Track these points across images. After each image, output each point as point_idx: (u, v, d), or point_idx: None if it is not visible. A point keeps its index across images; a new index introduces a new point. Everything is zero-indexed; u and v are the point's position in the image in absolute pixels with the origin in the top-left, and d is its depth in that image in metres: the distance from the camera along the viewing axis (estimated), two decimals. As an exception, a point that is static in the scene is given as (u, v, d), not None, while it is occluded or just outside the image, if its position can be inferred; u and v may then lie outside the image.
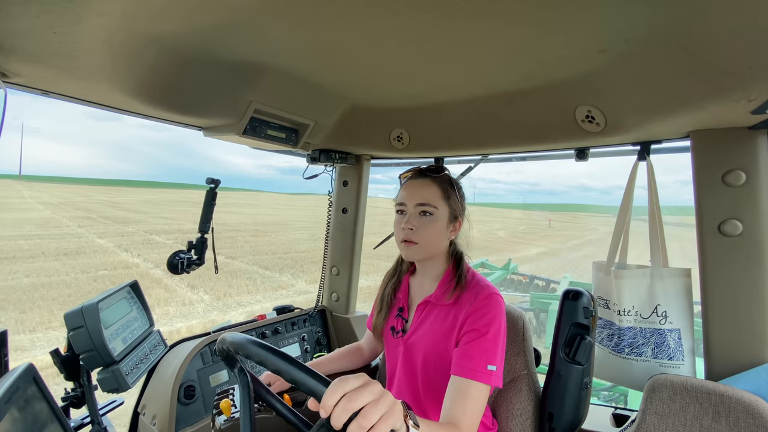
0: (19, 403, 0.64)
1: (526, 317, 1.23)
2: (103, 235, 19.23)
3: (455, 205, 1.06)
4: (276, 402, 0.89)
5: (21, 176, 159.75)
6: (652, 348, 1.19)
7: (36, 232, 19.16)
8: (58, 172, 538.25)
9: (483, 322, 0.95)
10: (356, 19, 0.78)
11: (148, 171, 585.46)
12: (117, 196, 58.26)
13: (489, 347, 0.92)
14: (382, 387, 0.57)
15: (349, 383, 0.54)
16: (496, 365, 0.91)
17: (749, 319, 1.03)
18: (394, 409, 0.55)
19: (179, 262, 1.23)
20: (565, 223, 57.39)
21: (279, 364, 0.64)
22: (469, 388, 0.88)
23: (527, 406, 1.14)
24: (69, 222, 24.17)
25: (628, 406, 3.61)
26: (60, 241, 16.72)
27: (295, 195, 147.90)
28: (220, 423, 1.06)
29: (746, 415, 0.91)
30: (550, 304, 6.58)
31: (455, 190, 1.08)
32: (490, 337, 0.93)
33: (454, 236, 1.10)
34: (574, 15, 0.73)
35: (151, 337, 1.16)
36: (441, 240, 1.05)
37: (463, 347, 0.94)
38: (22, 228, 20.13)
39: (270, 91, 1.16)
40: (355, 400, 0.52)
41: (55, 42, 0.77)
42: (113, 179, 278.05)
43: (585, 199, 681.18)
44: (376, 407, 0.53)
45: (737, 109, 0.90)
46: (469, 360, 0.91)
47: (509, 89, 1.13)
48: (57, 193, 58.08)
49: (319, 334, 1.89)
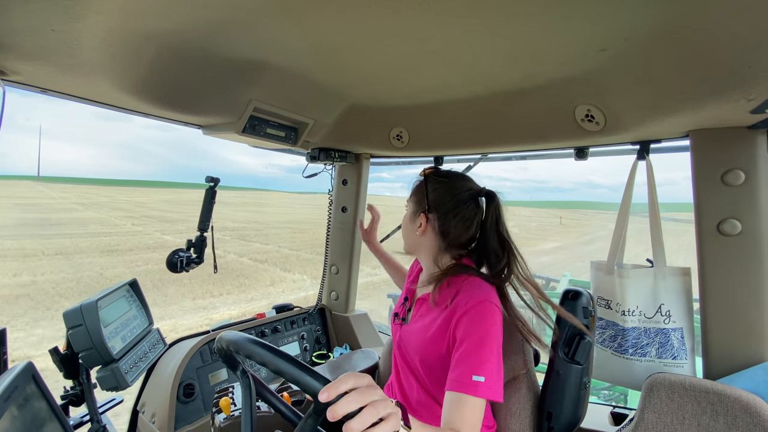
0: (18, 402, 0.64)
1: (525, 316, 1.23)
2: (165, 232, 20.37)
3: (421, 202, 1.10)
4: (275, 400, 0.89)
5: (39, 177, 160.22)
6: (656, 348, 1.18)
7: (104, 230, 20.28)
8: (69, 172, 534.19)
9: (468, 331, 0.91)
10: (356, 18, 0.78)
11: (156, 171, 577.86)
12: (136, 197, 59.17)
13: (474, 358, 0.88)
14: (383, 393, 0.59)
15: (360, 379, 0.56)
16: (484, 376, 0.85)
17: (747, 318, 1.03)
18: (396, 414, 0.57)
19: (178, 260, 1.23)
20: (574, 220, 58.84)
21: (278, 363, 0.65)
22: (458, 401, 0.85)
23: (526, 406, 1.14)
24: (119, 221, 25.33)
25: (627, 405, 3.62)
26: (133, 237, 17.97)
27: (306, 194, 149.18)
28: (219, 421, 1.06)
29: (744, 413, 0.91)
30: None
31: (426, 185, 1.10)
32: (473, 348, 0.88)
33: (422, 232, 1.08)
34: (573, 14, 0.73)
35: (150, 335, 1.16)
36: (408, 234, 1.14)
37: (453, 360, 0.92)
38: (88, 227, 21.23)
39: (269, 90, 1.16)
40: (365, 394, 0.54)
41: (53, 39, 0.77)
42: (125, 179, 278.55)
43: (593, 197, 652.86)
44: (382, 404, 0.55)
45: (737, 109, 0.90)
46: (454, 372, 0.89)
47: (509, 88, 1.13)
48: (80, 193, 58.89)
49: (318, 332, 1.89)
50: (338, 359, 1.59)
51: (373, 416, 0.53)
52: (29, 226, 19.96)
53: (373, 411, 0.53)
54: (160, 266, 11.00)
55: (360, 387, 0.55)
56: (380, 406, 0.54)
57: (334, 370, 1.49)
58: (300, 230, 24.37)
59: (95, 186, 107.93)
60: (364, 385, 0.56)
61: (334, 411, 0.53)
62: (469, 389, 0.84)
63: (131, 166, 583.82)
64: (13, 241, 15.25)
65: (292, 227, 26.32)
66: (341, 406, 0.53)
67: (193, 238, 1.30)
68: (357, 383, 0.55)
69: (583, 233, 34.54)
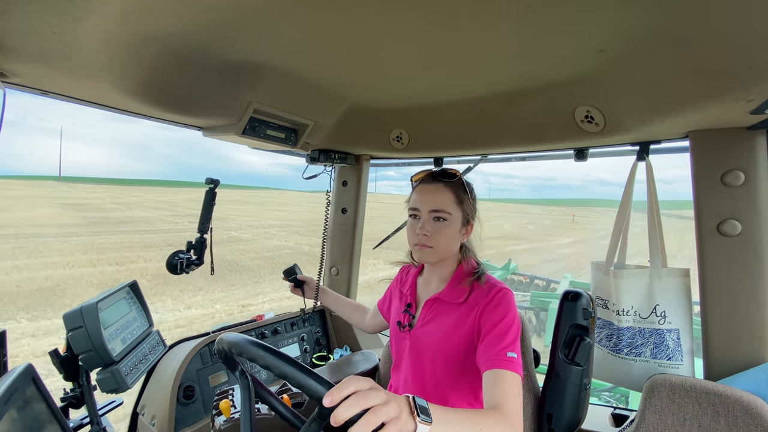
0: (18, 404, 0.64)
1: (525, 318, 1.23)
2: (224, 230, 22.10)
3: (468, 209, 1.08)
4: (276, 402, 0.89)
5: (60, 177, 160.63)
6: (651, 348, 1.19)
7: (163, 227, 22.36)
8: (85, 172, 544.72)
9: (499, 316, 0.96)
10: (356, 19, 0.78)
11: (167, 170, 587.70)
12: (161, 196, 59.79)
13: (506, 338, 0.93)
14: (389, 393, 0.58)
15: (362, 383, 0.56)
16: (515, 353, 0.92)
17: (748, 319, 1.03)
18: (401, 416, 0.56)
19: (178, 262, 1.22)
20: (585, 217, 60.87)
21: (282, 366, 0.64)
22: (496, 377, 0.88)
23: (526, 407, 1.14)
24: (172, 218, 27.05)
25: (629, 407, 3.61)
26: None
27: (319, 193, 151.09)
28: (219, 423, 1.06)
29: (745, 414, 0.91)
30: (550, 303, 6.63)
31: (468, 194, 1.08)
32: (506, 329, 0.94)
33: (466, 239, 1.11)
34: (573, 15, 0.73)
35: (150, 337, 1.15)
36: (454, 244, 1.08)
37: (484, 343, 0.95)
38: (155, 224, 23.35)
39: (269, 91, 1.16)
40: (366, 397, 0.54)
41: (54, 42, 0.77)
42: (141, 179, 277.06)
43: (602, 194, 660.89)
44: (384, 408, 0.54)
45: (736, 110, 0.90)
46: (488, 353, 0.93)
47: (508, 89, 1.13)
48: (109, 193, 59.49)
49: (318, 334, 1.89)
50: (338, 361, 1.59)
51: (374, 422, 0.53)
52: (102, 224, 21.81)
53: (373, 417, 0.53)
54: (237, 256, 14.50)
55: (361, 390, 0.55)
56: (382, 410, 0.54)
57: (335, 372, 1.49)
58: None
59: (115, 186, 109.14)
60: (365, 388, 0.56)
61: (336, 417, 0.53)
62: (506, 364, 0.89)
63: (141, 165, 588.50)
64: (105, 237, 17.62)
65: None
66: (342, 410, 0.53)
67: (193, 239, 1.30)
68: (359, 387, 0.56)
69: (595, 230, 36.36)
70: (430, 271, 1.16)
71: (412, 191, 1.13)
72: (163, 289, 9.65)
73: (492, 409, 0.82)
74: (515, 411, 0.82)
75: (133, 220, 25.51)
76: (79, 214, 26.87)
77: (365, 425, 0.52)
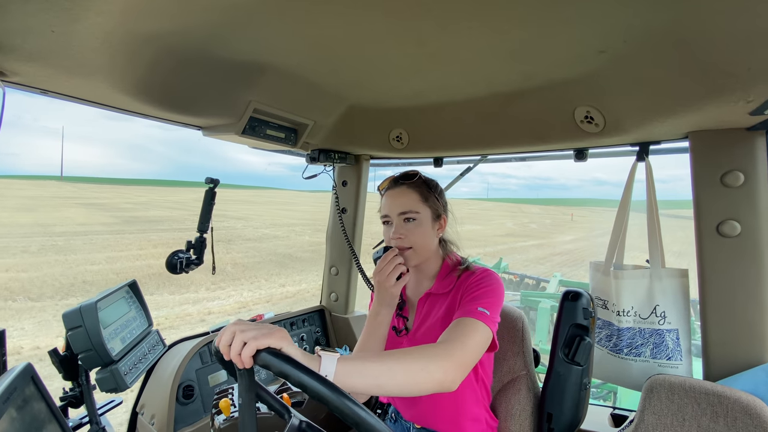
0: (17, 403, 0.64)
1: (525, 318, 1.23)
2: (234, 227, 23.30)
3: (434, 205, 1.10)
4: (275, 402, 0.89)
5: (62, 177, 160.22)
6: (650, 348, 1.19)
7: (195, 225, 23.53)
8: (83, 172, 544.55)
9: (478, 287, 0.99)
10: (356, 19, 0.78)
11: (165, 170, 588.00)
12: (167, 196, 60.12)
13: (480, 300, 0.95)
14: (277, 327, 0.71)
15: (241, 324, 0.70)
16: (489, 310, 0.93)
17: (747, 319, 1.03)
18: (274, 334, 0.67)
19: (178, 261, 1.22)
20: (583, 217, 62.73)
21: (324, 393, 0.60)
22: (459, 323, 0.90)
23: (526, 407, 1.14)
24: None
25: (616, 403, 3.62)
26: (234, 232, 21.14)
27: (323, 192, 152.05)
28: (219, 422, 1.06)
29: (744, 415, 0.91)
30: (539, 302, 6.72)
31: (432, 190, 1.11)
32: (480, 294, 0.97)
33: (441, 233, 1.14)
34: (573, 16, 0.73)
35: (149, 336, 1.15)
36: (431, 240, 1.10)
37: (460, 306, 0.98)
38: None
39: (269, 91, 1.16)
40: (244, 331, 0.67)
41: (53, 41, 0.77)
42: (141, 179, 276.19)
43: (599, 194, 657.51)
44: (257, 328, 0.68)
45: (736, 110, 0.90)
46: (461, 309, 0.95)
47: (508, 89, 1.13)
48: (117, 193, 59.54)
49: (318, 334, 1.89)
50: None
51: (245, 336, 0.65)
52: (136, 223, 22.80)
53: (238, 337, 0.66)
54: (286, 250, 15.66)
55: (230, 325, 0.69)
56: (245, 335, 0.66)
57: None
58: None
59: (118, 186, 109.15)
60: (245, 328, 0.68)
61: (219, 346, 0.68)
62: (474, 315, 0.91)
63: (138, 165, 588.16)
64: (155, 234, 18.60)
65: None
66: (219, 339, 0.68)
67: (193, 239, 1.30)
68: (238, 327, 0.68)
69: (593, 228, 39.20)
70: (417, 272, 1.17)
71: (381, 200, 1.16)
72: (249, 273, 12.07)
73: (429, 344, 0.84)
74: (464, 348, 0.83)
75: (160, 219, 26.36)
76: (107, 214, 27.69)
77: (234, 345, 0.66)
